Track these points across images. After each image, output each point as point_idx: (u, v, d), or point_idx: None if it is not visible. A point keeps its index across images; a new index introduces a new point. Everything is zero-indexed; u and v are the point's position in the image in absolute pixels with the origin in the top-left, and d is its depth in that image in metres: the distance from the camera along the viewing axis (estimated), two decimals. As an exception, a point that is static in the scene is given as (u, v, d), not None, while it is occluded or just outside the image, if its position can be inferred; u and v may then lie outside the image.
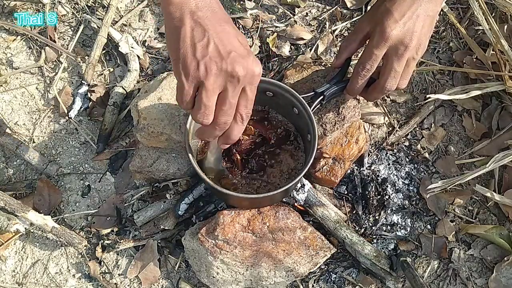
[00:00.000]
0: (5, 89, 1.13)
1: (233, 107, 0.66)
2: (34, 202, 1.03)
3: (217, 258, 0.89)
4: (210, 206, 0.98)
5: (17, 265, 1.01)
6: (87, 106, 1.10)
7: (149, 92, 0.96)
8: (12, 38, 1.16)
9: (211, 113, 0.66)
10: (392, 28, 0.75)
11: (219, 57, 0.63)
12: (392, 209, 1.03)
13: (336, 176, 0.96)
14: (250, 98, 0.67)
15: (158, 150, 0.98)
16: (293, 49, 1.15)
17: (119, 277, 1.00)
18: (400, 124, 1.10)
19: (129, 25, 1.18)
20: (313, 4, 1.20)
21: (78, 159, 1.08)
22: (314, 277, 0.99)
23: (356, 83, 0.83)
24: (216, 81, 0.63)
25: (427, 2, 0.76)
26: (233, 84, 0.64)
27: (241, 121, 0.69)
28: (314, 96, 0.87)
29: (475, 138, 1.09)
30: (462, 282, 0.99)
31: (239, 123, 0.69)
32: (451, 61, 1.14)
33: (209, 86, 0.63)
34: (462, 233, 1.02)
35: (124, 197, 1.03)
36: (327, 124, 0.93)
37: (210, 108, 0.65)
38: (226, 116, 0.67)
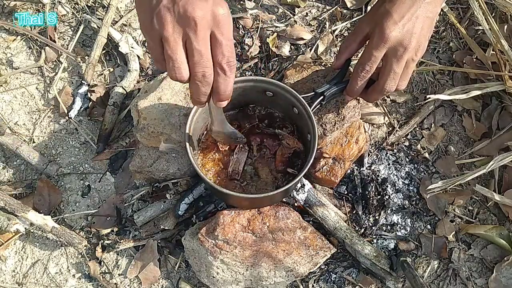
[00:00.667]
0: (5, 89, 1.13)
1: (204, 55, 0.61)
2: (34, 202, 1.03)
3: (217, 258, 0.89)
4: (210, 206, 0.98)
5: (17, 265, 1.01)
6: (87, 106, 1.10)
7: (149, 92, 0.96)
8: (12, 38, 1.16)
9: (182, 66, 0.61)
10: (392, 29, 0.76)
11: (172, 2, 0.59)
12: (392, 209, 1.03)
13: (336, 176, 0.96)
14: (225, 44, 0.61)
15: (158, 150, 0.98)
16: (293, 49, 1.15)
17: (119, 277, 1.00)
18: (400, 124, 1.10)
19: (129, 25, 1.18)
20: (313, 4, 1.20)
21: (78, 159, 1.08)
22: (314, 277, 0.99)
23: (355, 84, 0.83)
24: (173, 28, 0.59)
25: (427, 4, 0.76)
26: (192, 28, 0.59)
27: (223, 72, 0.63)
28: (314, 96, 0.87)
29: (475, 138, 1.09)
30: (462, 282, 0.99)
31: (222, 75, 0.63)
32: (451, 61, 1.14)
33: (168, 36, 0.59)
34: (462, 233, 1.02)
35: (124, 197, 1.03)
36: (327, 124, 0.93)
37: (178, 60, 0.60)
38: (200, 67, 0.61)
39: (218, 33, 0.61)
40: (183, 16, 0.59)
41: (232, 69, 0.64)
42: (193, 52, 0.60)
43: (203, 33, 0.60)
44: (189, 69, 0.62)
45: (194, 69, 0.62)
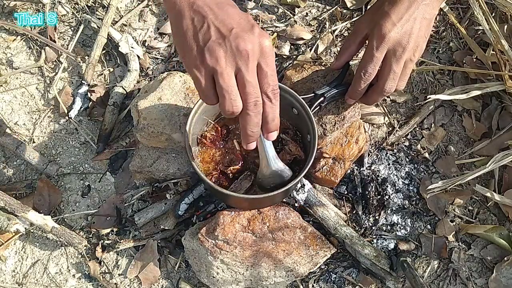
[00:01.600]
0: (5, 89, 1.13)
1: (255, 86, 0.63)
2: (34, 202, 1.03)
3: (217, 258, 0.89)
4: (210, 206, 0.98)
5: (17, 265, 1.01)
6: (87, 106, 1.10)
7: (149, 92, 0.96)
8: (12, 38, 1.16)
9: (237, 98, 0.62)
10: (390, 30, 0.76)
11: (222, 37, 0.61)
12: (392, 209, 1.03)
13: (336, 176, 0.96)
14: (270, 74, 0.64)
15: (158, 150, 0.98)
16: (293, 49, 1.15)
17: (119, 277, 1.00)
18: (400, 124, 1.10)
19: (129, 25, 1.18)
20: (313, 4, 1.20)
21: (78, 159, 1.08)
22: (314, 277, 0.99)
23: (358, 87, 0.83)
24: (226, 62, 0.61)
25: (425, 5, 0.78)
26: (243, 60, 0.61)
27: (269, 100, 0.65)
28: (314, 98, 0.87)
29: (475, 138, 1.09)
30: (462, 282, 0.99)
31: (268, 103, 0.65)
32: (451, 61, 1.14)
33: (221, 70, 0.61)
34: (462, 233, 1.02)
35: (124, 197, 1.03)
36: (327, 124, 0.93)
37: (232, 93, 0.62)
38: (252, 97, 0.63)
39: (264, 64, 0.63)
40: (236, 50, 0.60)
41: (277, 97, 0.66)
42: (245, 84, 0.62)
43: (253, 65, 0.62)
44: (242, 100, 0.63)
45: (247, 100, 0.63)
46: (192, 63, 0.62)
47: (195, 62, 0.62)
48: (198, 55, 0.61)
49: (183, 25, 0.63)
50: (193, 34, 0.62)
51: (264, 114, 0.66)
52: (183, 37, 0.63)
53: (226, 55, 0.61)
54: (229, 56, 0.61)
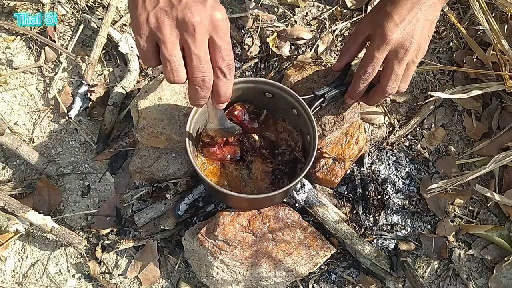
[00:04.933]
0: (5, 89, 1.13)
1: (203, 60, 0.61)
2: (34, 202, 1.03)
3: (217, 258, 0.89)
4: (210, 206, 0.98)
5: (17, 265, 1.01)
6: (87, 106, 1.10)
7: (149, 92, 0.95)
8: (12, 38, 1.16)
9: (179, 69, 0.61)
10: (393, 31, 0.76)
11: (170, 5, 0.60)
12: (392, 209, 1.03)
13: (336, 176, 0.96)
14: (223, 48, 0.62)
15: (158, 150, 0.98)
16: (293, 49, 1.15)
17: (119, 277, 1.00)
18: (400, 124, 1.10)
19: (129, 25, 1.18)
20: (313, 4, 1.20)
21: (78, 159, 1.08)
22: (314, 277, 0.99)
23: (357, 87, 0.83)
24: (171, 31, 0.59)
25: (427, 7, 0.77)
26: (190, 33, 0.59)
27: (223, 75, 0.63)
28: (314, 98, 0.87)
29: (475, 138, 1.09)
30: (462, 282, 0.99)
31: (222, 78, 0.64)
32: (451, 61, 1.14)
33: (165, 39, 0.60)
34: (462, 233, 1.02)
35: (124, 197, 1.03)
36: (326, 125, 0.93)
37: (175, 64, 0.61)
38: (199, 72, 0.61)
39: (217, 38, 0.62)
40: (182, 20, 0.59)
41: (232, 72, 0.64)
42: (191, 57, 0.61)
43: (201, 38, 0.60)
44: (188, 73, 0.63)
45: (193, 74, 0.62)
46: (136, 27, 0.62)
47: (138, 24, 0.61)
48: (142, 18, 0.60)
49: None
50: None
51: (215, 88, 0.65)
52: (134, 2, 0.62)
53: (171, 24, 0.60)
54: (174, 26, 0.60)
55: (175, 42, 0.60)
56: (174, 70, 0.61)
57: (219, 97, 0.66)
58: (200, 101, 0.66)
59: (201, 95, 0.64)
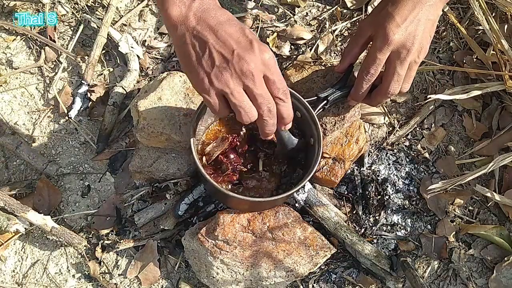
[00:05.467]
0: (5, 89, 1.13)
1: (265, 95, 0.68)
2: (34, 202, 1.03)
3: (217, 258, 0.89)
4: (210, 206, 0.98)
5: (16, 265, 1.01)
6: (87, 106, 1.10)
7: (149, 92, 0.95)
8: (12, 38, 1.16)
9: (251, 110, 0.68)
10: (395, 32, 0.76)
11: (225, 61, 0.65)
12: (392, 209, 1.03)
13: (336, 176, 0.95)
14: (277, 80, 0.68)
15: (158, 150, 0.98)
16: (293, 49, 1.15)
17: (119, 277, 1.00)
18: (400, 124, 1.10)
19: (129, 25, 1.18)
20: (313, 4, 1.20)
21: (78, 159, 1.08)
22: (314, 277, 0.99)
23: (360, 88, 0.83)
24: (234, 83, 0.66)
25: (428, 7, 0.77)
26: (249, 78, 0.66)
27: (282, 101, 0.70)
28: (317, 100, 0.87)
29: (475, 138, 1.09)
30: (463, 282, 0.99)
31: (281, 104, 0.70)
32: (452, 61, 1.14)
33: (232, 91, 0.66)
34: (462, 233, 1.02)
35: (124, 197, 1.03)
36: (327, 124, 0.93)
37: (246, 107, 0.67)
38: (264, 106, 0.68)
39: (269, 74, 0.68)
40: (240, 72, 0.65)
41: (288, 96, 0.71)
42: (255, 97, 0.67)
43: (259, 79, 0.67)
44: (257, 110, 0.69)
45: (260, 109, 0.69)
46: (200, 87, 0.67)
47: (203, 86, 0.66)
48: (206, 80, 0.66)
49: (186, 50, 0.67)
50: (197, 59, 0.66)
51: (279, 113, 0.71)
52: (188, 61, 0.67)
53: (232, 77, 0.65)
54: (235, 78, 0.66)
55: (240, 90, 0.67)
56: (248, 113, 0.68)
57: (283, 119, 0.73)
58: (272, 129, 0.73)
59: (271, 123, 0.71)
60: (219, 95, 0.67)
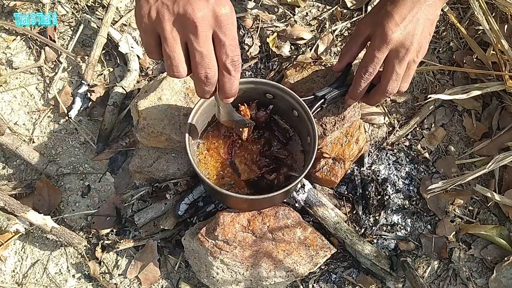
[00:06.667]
0: (5, 89, 1.13)
1: (206, 57, 0.60)
2: (34, 202, 1.03)
3: (217, 258, 0.89)
4: (210, 206, 0.98)
5: (16, 265, 1.01)
6: (87, 106, 1.10)
7: (149, 92, 0.95)
8: (12, 38, 1.16)
9: (179, 65, 0.61)
10: (393, 31, 0.76)
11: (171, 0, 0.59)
12: (392, 209, 1.03)
13: (336, 176, 0.95)
14: (228, 44, 0.61)
15: (158, 150, 0.98)
16: (293, 49, 1.15)
17: (119, 277, 1.00)
18: (400, 124, 1.10)
19: (129, 25, 1.18)
20: (313, 4, 1.20)
21: (78, 159, 1.08)
22: (314, 277, 0.99)
23: (358, 87, 0.83)
24: (171, 27, 0.59)
25: (428, 6, 0.77)
26: (191, 29, 0.58)
27: (228, 72, 0.62)
28: (314, 99, 0.87)
29: (475, 138, 1.09)
30: (463, 282, 0.99)
31: (226, 75, 0.63)
32: (451, 61, 1.14)
33: (166, 35, 0.59)
34: (462, 233, 1.02)
35: (124, 197, 1.03)
36: (327, 124, 0.93)
37: (176, 59, 0.60)
38: (202, 68, 0.61)
39: (221, 34, 0.60)
40: (183, 17, 0.58)
41: (237, 68, 0.63)
42: (194, 54, 0.60)
43: (204, 34, 0.59)
44: (192, 69, 0.62)
45: (196, 70, 0.61)
46: (138, 20, 0.61)
47: (140, 18, 0.61)
48: (143, 12, 0.60)
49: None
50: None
51: (220, 84, 0.64)
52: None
53: (172, 19, 0.59)
54: (176, 21, 0.59)
55: (176, 38, 0.60)
56: (174, 66, 0.61)
57: (224, 93, 0.66)
58: (205, 95, 0.66)
59: (206, 90, 0.64)
60: (153, 34, 0.60)
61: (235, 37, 0.61)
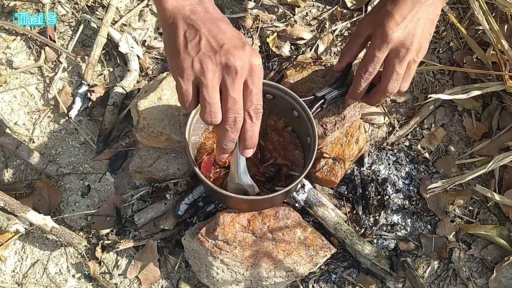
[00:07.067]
0: (5, 89, 1.13)
1: (237, 102, 0.64)
2: (34, 202, 1.03)
3: (217, 258, 0.89)
4: (210, 206, 0.98)
5: (16, 265, 1.01)
6: (87, 106, 1.10)
7: (149, 92, 0.95)
8: (12, 38, 1.16)
9: (218, 111, 0.64)
10: (394, 30, 0.76)
11: (212, 51, 0.62)
12: (392, 209, 1.03)
13: (336, 176, 0.96)
14: (255, 92, 0.65)
15: (158, 150, 0.98)
16: (293, 49, 1.15)
17: (119, 277, 1.00)
18: (400, 124, 1.10)
19: (129, 25, 1.18)
20: (313, 4, 1.20)
21: (78, 159, 1.08)
22: (314, 277, 0.99)
23: (358, 87, 0.83)
24: (213, 76, 0.62)
25: (428, 6, 0.77)
26: (231, 76, 0.62)
27: (250, 119, 0.66)
28: (314, 100, 0.87)
29: (475, 138, 1.09)
30: (463, 282, 0.99)
31: (248, 121, 0.66)
32: (451, 61, 1.14)
33: (208, 82, 0.62)
34: (462, 233, 1.02)
35: (124, 197, 1.03)
36: (327, 124, 0.93)
37: (214, 105, 0.63)
38: (233, 113, 0.64)
39: (250, 83, 0.64)
40: (225, 65, 0.62)
41: (258, 117, 0.67)
42: (227, 99, 0.63)
43: (239, 82, 0.63)
44: (223, 113, 0.65)
45: (226, 114, 0.64)
46: (178, 69, 0.63)
47: (181, 69, 0.63)
48: (186, 63, 0.63)
49: (175, 33, 0.64)
50: (184, 44, 0.63)
51: (242, 131, 0.67)
52: (174, 44, 0.64)
53: (214, 69, 0.62)
54: (217, 70, 0.62)
55: (216, 86, 0.63)
56: (212, 112, 0.64)
57: (244, 141, 0.68)
58: (228, 144, 0.68)
59: (231, 136, 0.67)
60: (194, 83, 0.63)
61: (261, 88, 0.66)
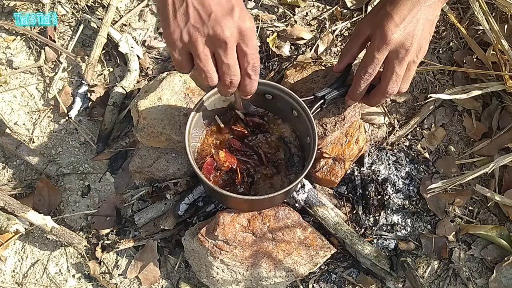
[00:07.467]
0: (5, 89, 1.13)
1: (232, 66, 0.67)
2: (34, 202, 1.03)
3: (217, 258, 0.89)
4: (210, 206, 0.98)
5: (16, 265, 1.01)
6: (87, 106, 1.10)
7: (149, 92, 0.95)
8: (12, 38, 1.16)
9: (213, 75, 0.67)
10: (393, 31, 0.76)
11: (200, 21, 0.64)
12: (392, 209, 1.03)
13: (336, 176, 0.95)
14: (249, 53, 0.67)
15: (158, 150, 0.98)
16: (293, 49, 1.15)
17: (119, 277, 1.00)
18: (400, 124, 1.10)
19: (129, 25, 1.18)
20: (313, 4, 1.20)
21: (78, 159, 1.08)
22: (314, 277, 0.99)
23: (358, 88, 0.83)
24: (203, 46, 0.65)
25: (427, 7, 0.77)
26: (221, 46, 0.65)
27: (249, 77, 0.70)
28: (314, 100, 0.86)
29: (475, 138, 1.09)
30: (463, 282, 0.99)
31: (247, 80, 0.70)
32: (451, 61, 1.14)
33: (199, 53, 0.65)
34: (462, 233, 1.02)
35: (124, 197, 1.03)
36: (327, 124, 0.93)
37: (209, 72, 0.67)
38: (229, 76, 0.68)
39: (244, 45, 0.67)
40: (213, 37, 0.64)
41: (256, 72, 0.70)
42: (222, 65, 0.67)
43: (231, 49, 0.66)
44: (219, 76, 0.68)
45: (223, 78, 0.68)
46: (169, 40, 0.66)
47: (172, 40, 0.65)
48: (175, 34, 0.65)
49: (164, 3, 0.65)
50: (173, 12, 0.65)
51: (242, 86, 0.71)
52: (164, 12, 0.66)
53: (203, 40, 0.64)
54: (207, 41, 0.64)
55: (208, 54, 0.66)
56: (208, 77, 0.67)
57: (245, 93, 0.73)
58: (227, 95, 0.74)
59: (229, 91, 0.72)
60: (185, 52, 0.66)
61: (255, 46, 0.68)
